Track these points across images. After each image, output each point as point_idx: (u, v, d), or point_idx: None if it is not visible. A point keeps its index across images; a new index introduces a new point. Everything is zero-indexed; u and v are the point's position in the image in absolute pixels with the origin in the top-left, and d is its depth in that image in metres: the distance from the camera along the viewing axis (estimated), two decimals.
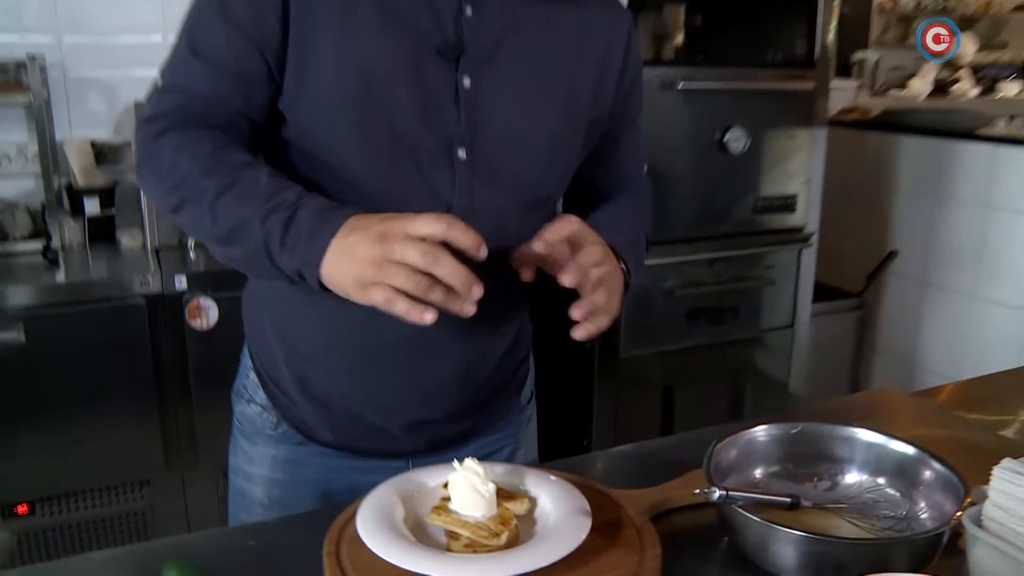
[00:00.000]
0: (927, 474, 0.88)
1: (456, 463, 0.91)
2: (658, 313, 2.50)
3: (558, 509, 0.89)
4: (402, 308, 0.87)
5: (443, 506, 0.90)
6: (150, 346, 2.25)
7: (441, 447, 1.20)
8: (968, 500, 0.81)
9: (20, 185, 2.66)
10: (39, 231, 2.48)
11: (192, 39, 1.05)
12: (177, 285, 2.24)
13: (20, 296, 2.15)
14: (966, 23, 8.07)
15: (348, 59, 1.03)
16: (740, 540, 0.85)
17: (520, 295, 1.22)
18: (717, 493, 0.80)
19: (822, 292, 2.90)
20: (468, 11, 1.05)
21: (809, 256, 2.70)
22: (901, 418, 1.25)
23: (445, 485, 0.92)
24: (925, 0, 7.72)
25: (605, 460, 1.26)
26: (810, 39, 2.58)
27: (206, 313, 2.26)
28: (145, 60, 2.75)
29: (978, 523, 0.79)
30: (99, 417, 2.23)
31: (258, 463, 1.23)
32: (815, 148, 2.61)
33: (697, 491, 0.83)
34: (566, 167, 1.18)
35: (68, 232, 2.50)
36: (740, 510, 0.81)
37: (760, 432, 0.96)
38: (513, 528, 0.87)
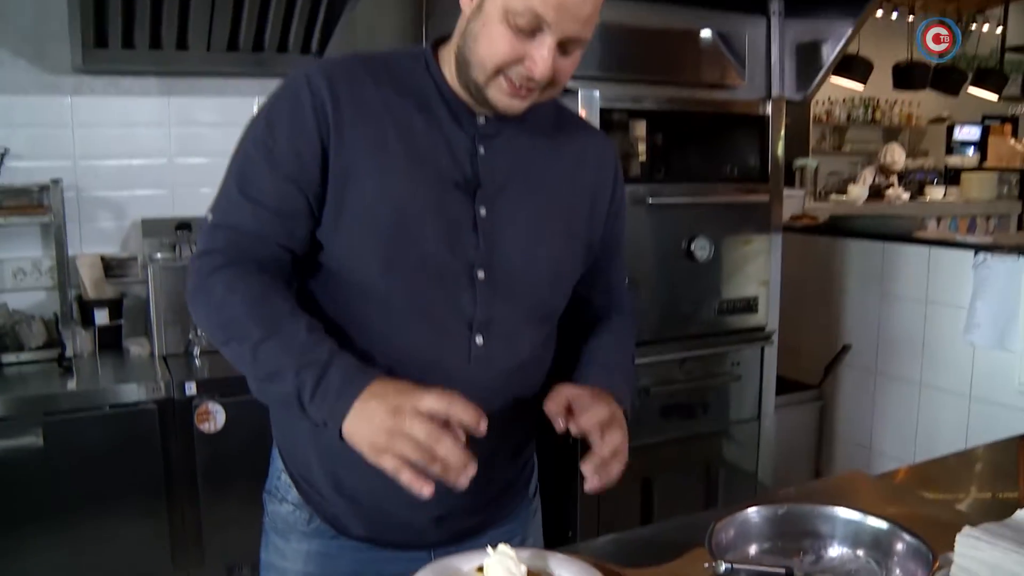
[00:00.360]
0: (899, 545, 1.07)
1: (490, 549, 1.08)
2: (634, 409, 2.68)
3: None
4: (406, 478, 1.02)
5: None
6: (160, 449, 2.37)
7: (461, 538, 1.33)
8: (936, 565, 1.00)
9: (33, 297, 2.81)
10: (52, 340, 2.61)
11: (241, 181, 1.21)
12: (187, 391, 2.39)
13: (39, 403, 2.28)
14: (891, 134, 8.68)
15: (382, 197, 1.19)
16: None
17: (528, 405, 1.32)
18: (724, 566, 0.99)
19: (783, 385, 3.12)
20: (481, 150, 1.24)
21: (771, 352, 2.92)
22: (871, 497, 1.44)
23: (479, 569, 1.09)
24: (856, 113, 8.30)
25: (609, 544, 1.38)
26: (762, 155, 2.87)
27: (214, 417, 2.40)
28: (151, 182, 2.96)
29: None
30: (110, 517, 2.33)
31: (291, 558, 1.34)
32: (772, 253, 2.87)
33: (707, 565, 1.01)
34: (568, 284, 1.35)
35: (79, 341, 2.63)
36: None
37: (752, 513, 1.14)
38: None
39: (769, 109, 2.83)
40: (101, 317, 2.73)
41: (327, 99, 1.19)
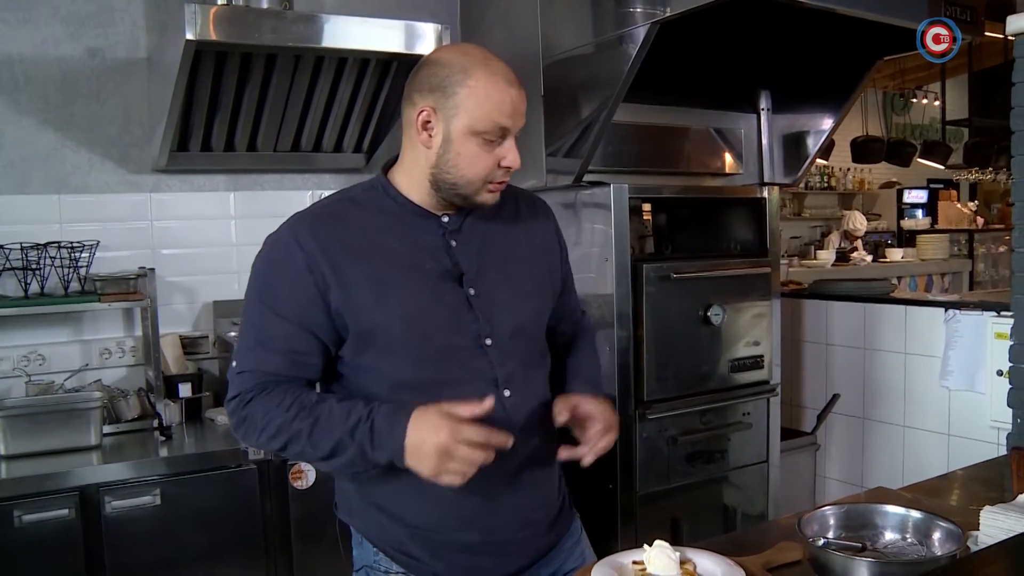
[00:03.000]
0: (936, 531, 1.45)
1: (646, 546, 1.45)
2: (665, 456, 3.06)
3: (719, 569, 1.43)
4: (459, 482, 1.36)
5: (646, 573, 1.42)
6: (259, 504, 2.68)
7: (541, 557, 1.64)
8: (967, 538, 1.38)
9: (117, 374, 3.12)
10: (146, 412, 2.91)
11: (256, 332, 1.48)
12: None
13: (155, 466, 2.59)
14: (846, 199, 9.32)
15: (391, 314, 1.46)
16: (829, 574, 1.40)
17: (551, 429, 1.63)
18: (821, 540, 1.37)
19: (782, 433, 3.52)
20: (453, 243, 1.53)
21: (775, 403, 3.33)
22: (899, 502, 1.82)
23: (635, 562, 1.45)
24: (813, 180, 8.92)
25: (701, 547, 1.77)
26: (760, 232, 3.32)
27: (306, 475, 2.72)
28: (218, 267, 3.30)
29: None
30: (217, 568, 2.61)
31: None
32: (772, 316, 3.29)
33: (811, 538, 1.39)
34: (544, 327, 1.68)
35: (169, 413, 2.94)
36: (833, 552, 1.37)
37: (826, 510, 1.53)
38: None
39: (765, 192, 3.28)
40: (185, 390, 3.04)
41: (317, 253, 1.44)
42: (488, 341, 1.52)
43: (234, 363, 1.51)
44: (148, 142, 3.12)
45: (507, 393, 1.54)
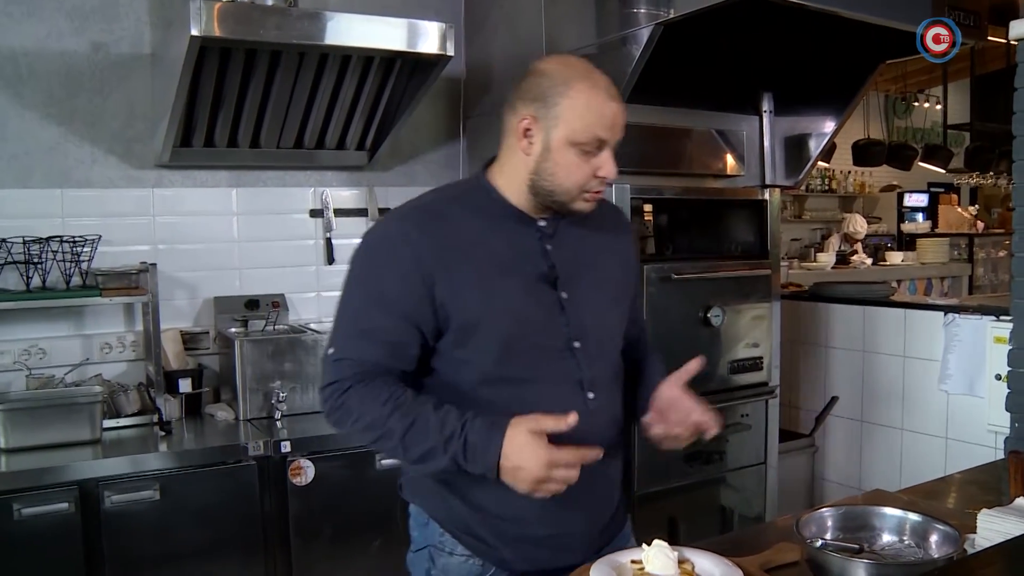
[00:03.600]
0: (933, 533, 1.46)
1: (645, 545, 1.45)
2: (663, 457, 3.06)
3: (717, 569, 1.43)
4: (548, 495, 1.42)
5: (644, 572, 1.43)
6: (259, 500, 2.68)
7: (594, 553, 1.64)
8: (963, 540, 1.39)
9: (117, 368, 3.12)
10: (146, 407, 2.92)
11: (358, 322, 1.52)
12: (282, 448, 2.72)
13: (155, 461, 2.59)
14: (847, 202, 9.32)
15: (494, 310, 1.51)
16: (824, 574, 1.41)
17: (620, 430, 1.70)
18: (819, 542, 1.37)
19: (781, 435, 3.53)
20: (548, 247, 1.58)
21: (774, 405, 3.34)
22: (896, 505, 1.83)
23: (634, 561, 1.46)
24: (814, 183, 8.92)
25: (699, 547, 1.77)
26: (761, 234, 3.33)
27: (305, 472, 2.73)
28: (220, 263, 3.30)
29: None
30: (216, 562, 2.61)
31: None
32: (772, 319, 3.30)
33: (808, 539, 1.39)
34: (623, 331, 1.74)
35: (168, 408, 2.95)
36: (830, 553, 1.38)
37: (824, 512, 1.54)
38: None
39: (766, 194, 3.29)
40: (185, 385, 3.05)
41: (425, 248, 1.50)
42: (577, 344, 1.58)
43: (331, 350, 1.54)
44: (151, 137, 3.12)
45: (591, 395, 1.59)
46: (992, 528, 1.35)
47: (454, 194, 1.66)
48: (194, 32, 2.45)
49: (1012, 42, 2.51)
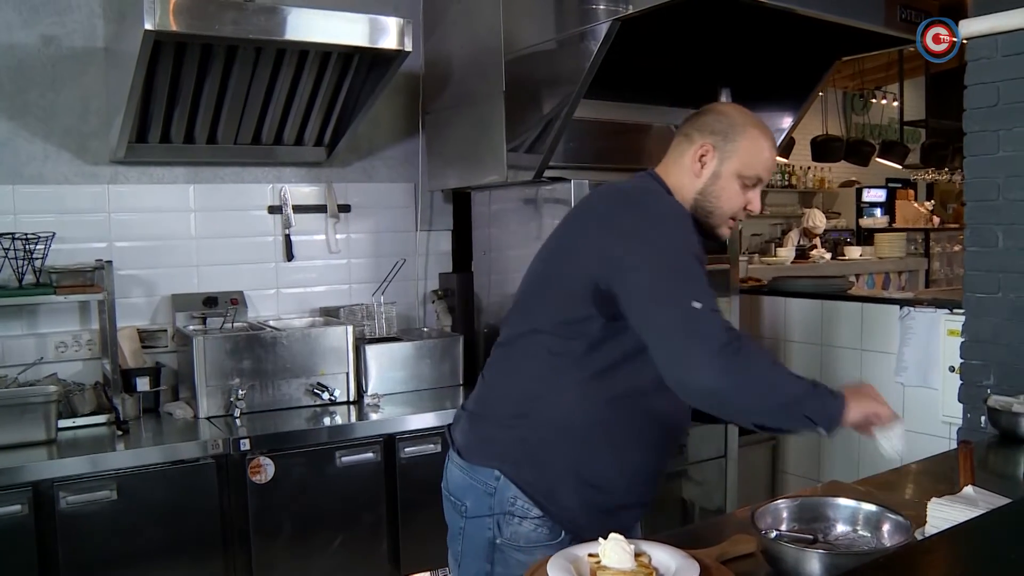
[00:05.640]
0: (885, 523, 1.48)
1: (601, 539, 1.46)
2: None
3: (673, 561, 1.44)
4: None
5: (600, 566, 1.44)
6: (218, 499, 2.66)
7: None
8: (914, 530, 1.41)
9: (73, 367, 3.08)
10: (102, 406, 2.88)
11: (699, 279, 1.59)
12: (241, 447, 2.70)
13: (110, 461, 2.55)
14: (807, 197, 9.44)
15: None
16: (781, 566, 1.42)
17: None
18: (775, 533, 1.39)
19: (741, 429, 3.56)
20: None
21: None
22: (851, 496, 1.86)
23: (590, 555, 1.46)
24: (774, 178, 9.01)
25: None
26: None
27: (265, 470, 2.71)
28: (177, 261, 3.27)
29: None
30: (174, 562, 2.59)
31: None
32: (732, 312, 3.33)
33: (764, 531, 1.41)
34: None
35: (126, 407, 2.90)
36: (785, 544, 1.39)
37: (779, 503, 1.55)
38: (653, 572, 1.42)
39: None
40: (142, 384, 3.01)
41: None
42: None
43: (698, 303, 1.54)
44: (106, 133, 3.08)
45: None
46: (941, 516, 1.37)
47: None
48: (148, 26, 2.42)
49: (963, 41, 2.56)
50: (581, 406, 1.71)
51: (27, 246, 2.85)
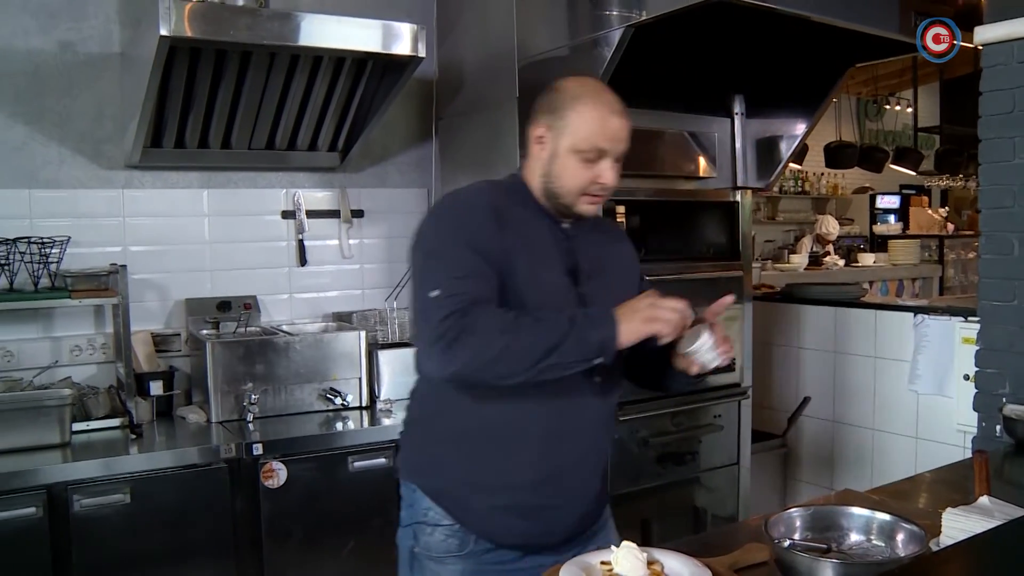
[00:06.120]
0: (900, 533, 1.47)
1: (613, 547, 1.46)
2: (636, 457, 3.08)
3: (686, 569, 1.44)
4: (667, 330, 1.56)
5: (612, 573, 1.43)
6: (230, 503, 2.66)
7: (573, 537, 1.78)
8: (929, 542, 1.40)
9: (87, 371, 3.09)
10: (116, 410, 2.89)
11: (457, 267, 1.60)
12: (254, 451, 2.70)
13: (124, 464, 2.56)
14: (820, 203, 9.41)
15: (528, 283, 1.66)
16: (794, 575, 1.42)
17: (615, 412, 1.89)
18: (788, 542, 1.38)
19: (753, 435, 3.55)
20: (572, 247, 1.76)
21: (747, 406, 3.36)
22: (865, 504, 1.85)
23: (602, 562, 1.46)
24: (787, 185, 8.99)
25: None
26: (733, 236, 3.35)
27: (277, 474, 2.71)
28: (190, 266, 3.28)
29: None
30: (186, 566, 2.59)
31: None
32: (744, 320, 3.32)
33: (777, 540, 1.40)
34: None
35: (139, 410, 2.91)
36: (798, 553, 1.39)
37: (793, 512, 1.55)
38: None
39: (738, 196, 3.31)
40: (156, 388, 3.02)
41: (491, 211, 1.67)
42: None
43: (435, 292, 1.58)
44: (121, 138, 3.09)
45: (598, 380, 1.72)
46: (956, 527, 1.36)
47: (506, 186, 1.81)
48: (163, 32, 2.43)
49: (978, 47, 2.55)
50: (461, 412, 1.73)
51: (42, 250, 2.87)
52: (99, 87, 3.08)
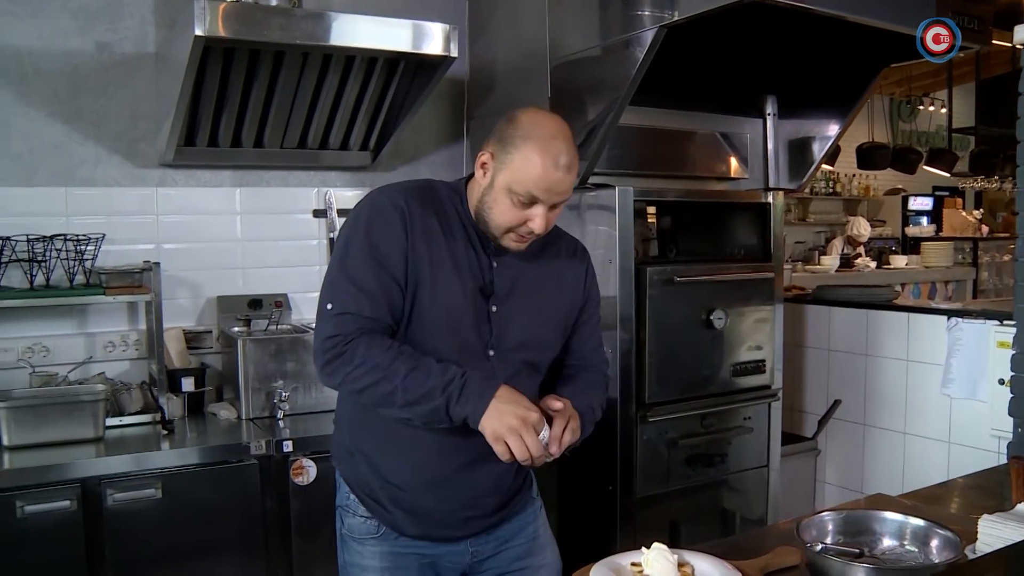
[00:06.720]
0: (934, 538, 1.46)
1: (644, 549, 1.46)
2: (664, 459, 3.06)
3: (716, 572, 1.43)
4: (507, 457, 1.57)
5: (641, 573, 1.43)
6: (260, 499, 2.69)
7: (484, 531, 1.86)
8: (964, 548, 1.39)
9: (120, 367, 3.13)
10: (149, 406, 2.92)
11: (357, 279, 1.64)
12: (284, 448, 2.72)
13: (157, 460, 2.58)
14: (851, 205, 9.32)
15: (435, 298, 1.68)
16: None
17: None
18: (820, 546, 1.37)
19: (783, 438, 3.52)
20: (495, 265, 1.76)
21: (777, 408, 3.33)
22: (897, 509, 1.83)
23: (633, 564, 1.46)
24: (818, 186, 8.91)
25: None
26: (764, 237, 3.32)
27: (307, 471, 2.73)
28: (223, 263, 3.31)
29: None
30: (216, 562, 2.62)
31: (368, 557, 1.84)
32: (775, 321, 3.29)
33: (809, 544, 1.39)
34: (552, 351, 1.88)
35: (171, 407, 2.95)
36: (830, 557, 1.37)
37: (825, 516, 1.54)
38: None
39: (769, 197, 3.29)
40: (187, 384, 3.05)
41: (408, 218, 1.67)
42: (491, 352, 1.76)
43: (330, 305, 1.66)
44: (155, 137, 3.13)
45: None
46: (993, 534, 1.34)
47: (437, 188, 1.80)
48: (198, 32, 2.45)
49: (1017, 46, 2.51)
50: (368, 411, 1.76)
51: (78, 247, 2.91)
52: (134, 87, 3.11)
